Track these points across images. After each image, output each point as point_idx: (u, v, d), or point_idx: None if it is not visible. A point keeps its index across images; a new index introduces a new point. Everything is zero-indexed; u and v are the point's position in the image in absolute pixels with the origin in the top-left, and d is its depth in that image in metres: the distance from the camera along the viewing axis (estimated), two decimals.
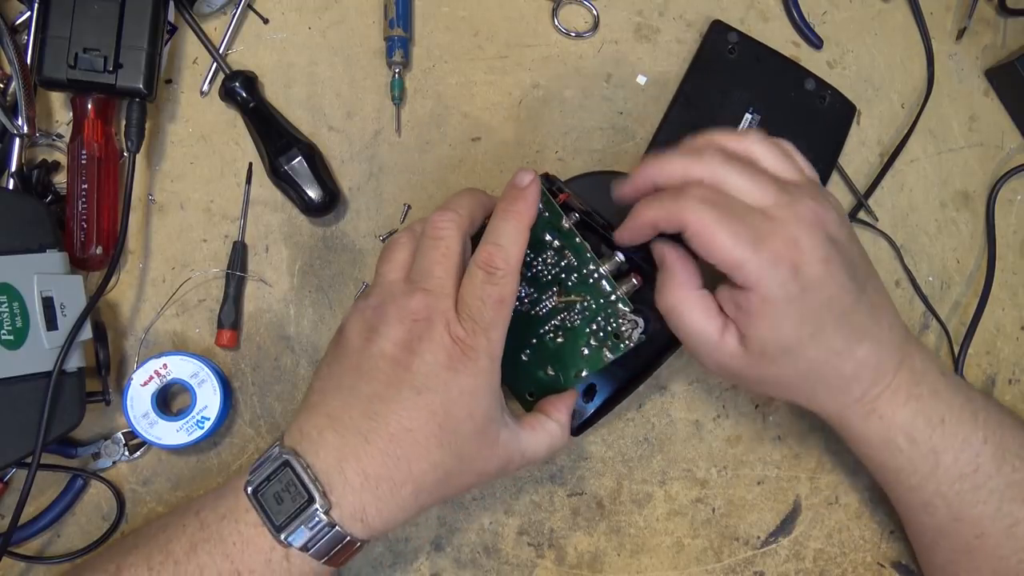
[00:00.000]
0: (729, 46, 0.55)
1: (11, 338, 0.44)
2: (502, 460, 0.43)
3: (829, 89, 0.56)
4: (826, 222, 0.40)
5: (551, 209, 0.45)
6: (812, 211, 0.40)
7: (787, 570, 0.55)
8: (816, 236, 0.39)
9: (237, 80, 0.52)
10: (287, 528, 0.40)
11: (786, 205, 0.40)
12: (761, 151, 0.42)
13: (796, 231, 0.39)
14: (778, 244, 0.39)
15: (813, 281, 0.39)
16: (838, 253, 0.40)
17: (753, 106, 0.54)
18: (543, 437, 0.45)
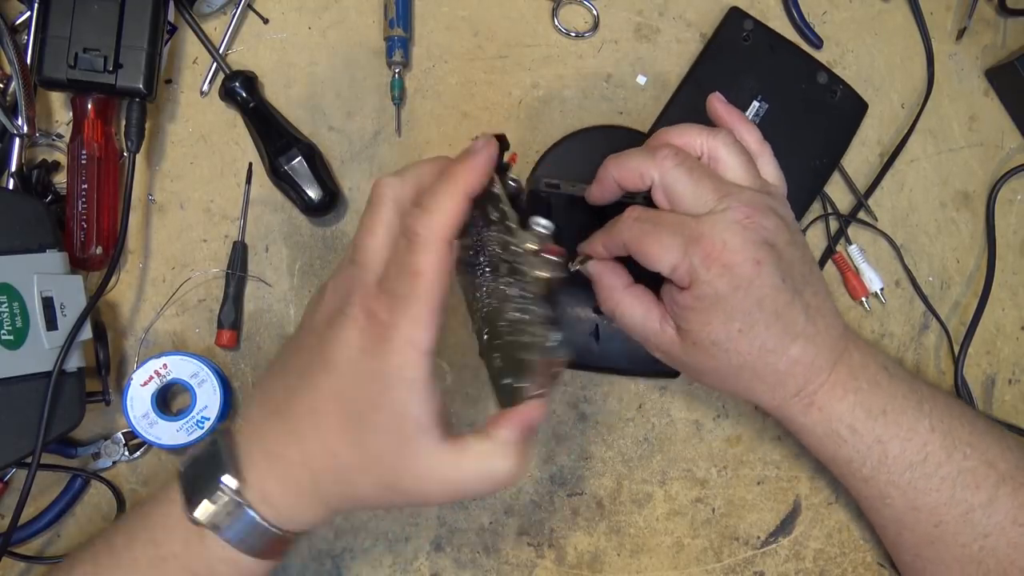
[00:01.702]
0: (744, 33, 0.55)
1: (11, 338, 0.44)
2: (423, 480, 0.38)
3: (841, 84, 0.56)
4: (762, 226, 0.42)
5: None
6: (747, 215, 0.42)
7: (787, 570, 0.55)
8: (748, 238, 0.41)
9: (237, 80, 0.52)
10: (195, 501, 0.38)
11: (722, 210, 0.41)
12: (723, 152, 0.44)
13: (726, 234, 0.41)
14: (707, 246, 0.41)
15: (742, 281, 0.41)
16: (771, 256, 0.42)
17: (762, 94, 0.55)
18: (473, 462, 0.37)
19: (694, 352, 0.44)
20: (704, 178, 0.42)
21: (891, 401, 0.46)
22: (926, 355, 0.57)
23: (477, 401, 0.54)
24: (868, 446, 0.46)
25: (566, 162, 0.53)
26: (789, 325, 0.43)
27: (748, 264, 0.41)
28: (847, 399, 0.45)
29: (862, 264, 0.56)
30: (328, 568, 0.53)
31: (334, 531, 0.53)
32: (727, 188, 0.42)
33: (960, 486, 0.46)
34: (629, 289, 0.46)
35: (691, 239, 0.41)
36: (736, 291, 0.41)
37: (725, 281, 0.41)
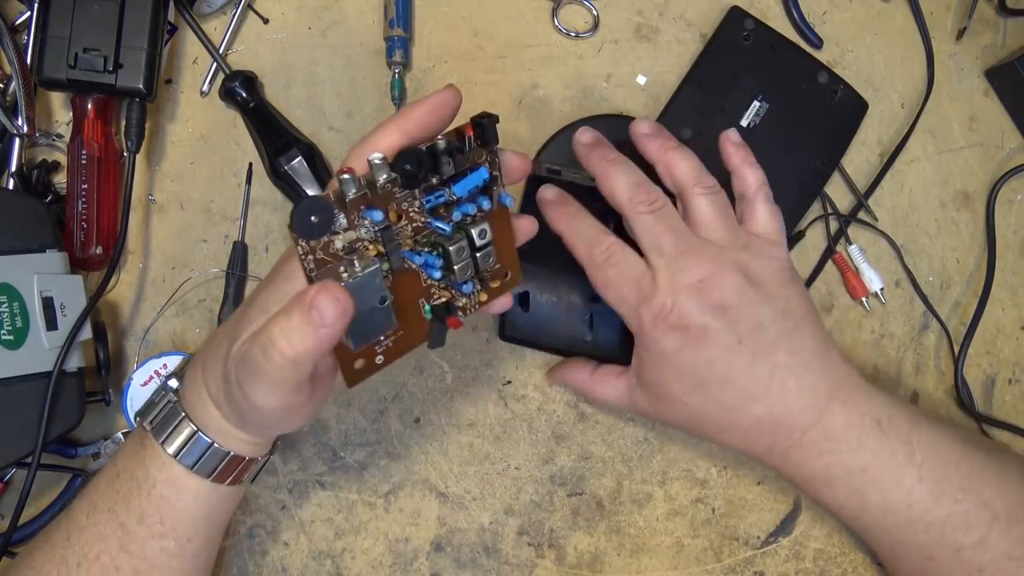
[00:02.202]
0: (745, 33, 0.55)
1: (11, 338, 0.44)
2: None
3: (841, 84, 0.56)
4: (716, 288, 0.43)
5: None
6: (699, 278, 0.43)
7: (787, 570, 0.55)
8: (696, 304, 0.43)
9: (237, 80, 0.52)
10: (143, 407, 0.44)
11: (674, 272, 0.43)
12: (701, 203, 0.45)
13: (676, 297, 0.43)
14: (656, 306, 0.43)
15: (688, 343, 0.43)
16: (722, 321, 0.43)
17: (763, 94, 0.54)
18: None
19: (658, 403, 0.46)
20: (668, 231, 0.44)
21: (874, 459, 0.45)
22: (926, 355, 0.57)
23: (476, 401, 0.54)
24: (846, 496, 0.46)
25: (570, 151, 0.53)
26: (747, 387, 0.44)
27: (695, 329, 0.43)
28: (821, 459, 0.45)
29: (862, 264, 0.56)
30: (328, 568, 0.53)
31: (334, 531, 0.53)
32: (686, 245, 0.44)
33: (950, 528, 0.45)
34: (596, 372, 0.50)
35: (644, 296, 0.43)
36: (682, 351, 0.43)
37: (670, 340, 0.43)
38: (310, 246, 0.35)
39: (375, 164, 0.35)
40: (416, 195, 0.38)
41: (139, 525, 0.42)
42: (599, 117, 0.54)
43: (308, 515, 0.53)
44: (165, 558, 0.43)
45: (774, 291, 0.44)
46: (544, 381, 0.54)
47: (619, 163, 0.46)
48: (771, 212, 0.47)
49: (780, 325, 0.44)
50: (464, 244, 0.39)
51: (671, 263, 0.43)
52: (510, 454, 0.54)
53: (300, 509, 0.53)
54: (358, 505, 0.53)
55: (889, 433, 0.45)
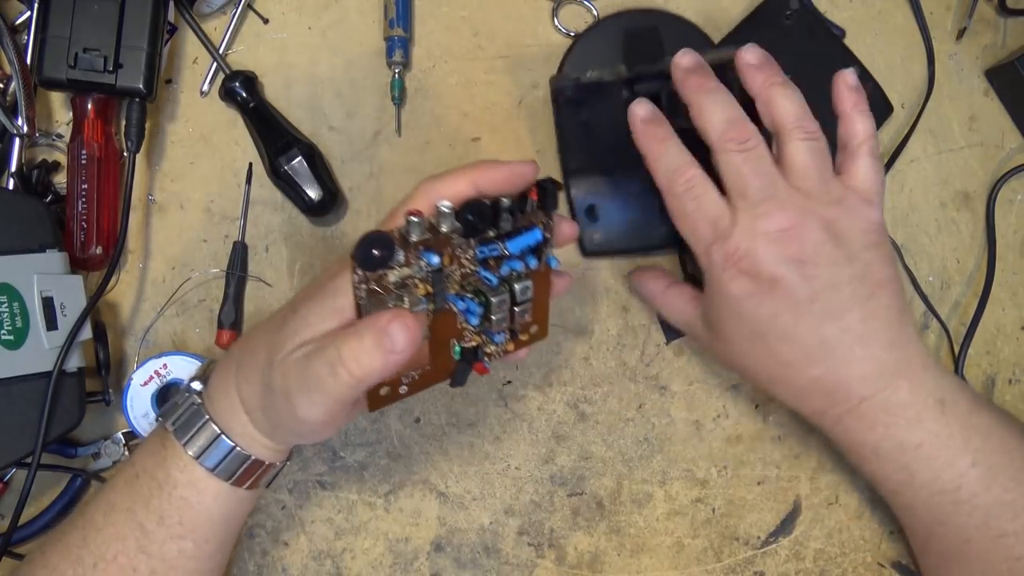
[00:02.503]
0: (788, 12, 0.55)
1: (11, 338, 0.44)
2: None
3: (871, 82, 0.56)
4: (794, 239, 0.41)
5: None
6: (781, 226, 0.40)
7: (787, 570, 0.55)
8: (772, 253, 0.41)
9: (237, 80, 0.52)
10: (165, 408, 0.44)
11: (757, 215, 0.41)
12: (798, 147, 0.42)
13: (752, 243, 0.41)
14: (730, 248, 0.41)
15: (755, 292, 0.41)
16: (795, 275, 0.41)
17: (791, 75, 0.54)
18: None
19: (719, 344, 0.45)
20: (756, 175, 0.41)
21: (931, 438, 0.44)
22: None
23: (476, 401, 0.54)
24: (895, 469, 0.45)
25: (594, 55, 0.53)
26: (808, 348, 0.42)
27: (766, 278, 0.41)
28: (876, 430, 0.44)
29: None
30: (328, 568, 0.53)
31: (334, 531, 0.53)
32: (773, 191, 0.41)
33: (994, 515, 0.44)
34: (669, 290, 0.49)
35: (718, 236, 0.41)
36: (748, 298, 0.41)
37: (738, 285, 0.41)
38: (365, 276, 0.36)
39: (443, 212, 0.37)
40: (471, 244, 0.39)
41: (158, 526, 0.42)
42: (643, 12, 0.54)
43: (308, 515, 0.53)
44: (183, 559, 0.43)
45: (857, 252, 0.42)
46: (544, 381, 0.54)
47: (716, 92, 0.43)
48: (873, 167, 0.44)
49: (856, 289, 0.42)
50: (506, 297, 0.41)
51: (754, 207, 0.41)
52: (510, 454, 0.54)
53: (300, 509, 0.53)
54: (358, 505, 0.53)
55: (949, 415, 0.44)
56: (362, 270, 0.36)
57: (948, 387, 0.45)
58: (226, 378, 0.42)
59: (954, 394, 0.45)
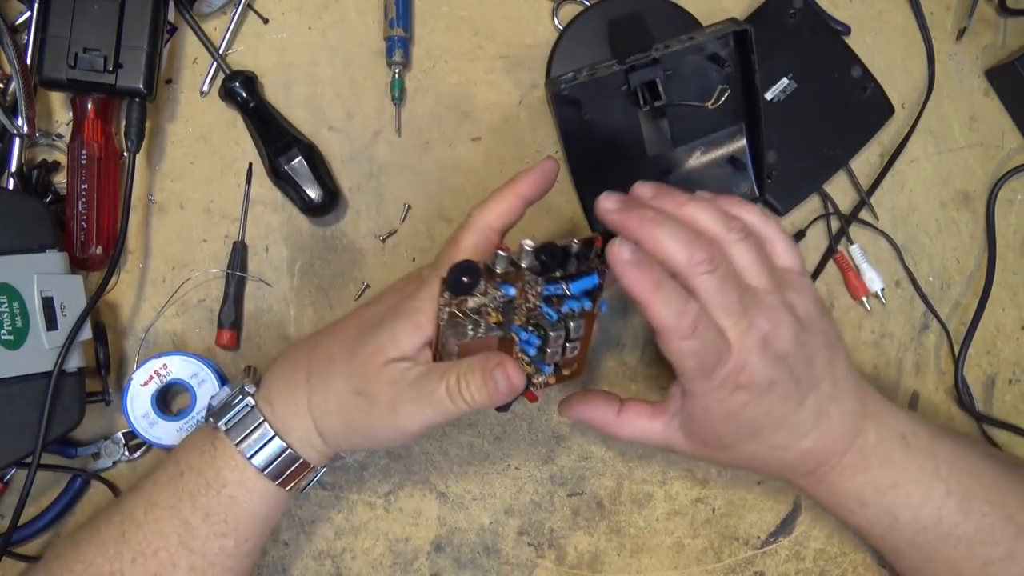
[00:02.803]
0: (792, 11, 0.56)
1: (11, 338, 0.44)
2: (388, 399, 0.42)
3: (873, 83, 0.56)
4: (779, 338, 0.42)
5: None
6: (765, 331, 0.41)
7: (787, 570, 0.55)
8: (765, 359, 0.41)
9: (237, 80, 0.52)
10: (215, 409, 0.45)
11: (743, 329, 0.41)
12: (739, 250, 0.42)
13: (747, 355, 0.41)
14: (729, 367, 0.41)
15: (753, 398, 0.42)
16: (784, 371, 0.42)
17: (793, 73, 0.55)
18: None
19: (707, 452, 0.46)
20: (730, 289, 0.41)
21: (904, 475, 0.45)
22: (926, 355, 0.57)
23: None
24: (877, 515, 0.46)
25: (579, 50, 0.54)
26: (798, 426, 0.44)
27: (761, 385, 0.42)
28: (856, 478, 0.46)
29: (863, 264, 0.56)
30: (328, 568, 0.53)
31: (334, 531, 0.53)
32: (750, 299, 0.42)
33: (978, 542, 0.45)
34: (624, 414, 0.47)
35: (720, 360, 0.41)
36: (746, 406, 0.43)
37: (736, 399, 0.42)
38: (450, 300, 0.41)
39: (525, 250, 0.42)
40: (539, 282, 0.43)
41: (203, 522, 0.43)
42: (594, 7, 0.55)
43: (308, 515, 0.53)
44: (222, 556, 0.44)
45: (816, 325, 0.44)
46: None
47: (663, 221, 0.41)
48: (790, 243, 0.45)
49: (823, 357, 0.44)
50: (562, 333, 0.44)
51: (738, 322, 0.41)
52: (510, 454, 0.54)
53: (300, 509, 0.53)
54: (358, 505, 0.53)
55: (914, 447, 0.46)
56: (449, 294, 0.41)
57: (906, 421, 0.47)
58: (293, 382, 0.44)
59: (913, 427, 0.47)
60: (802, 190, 0.56)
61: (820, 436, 0.45)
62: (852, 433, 0.45)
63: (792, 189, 0.56)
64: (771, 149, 0.54)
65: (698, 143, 0.54)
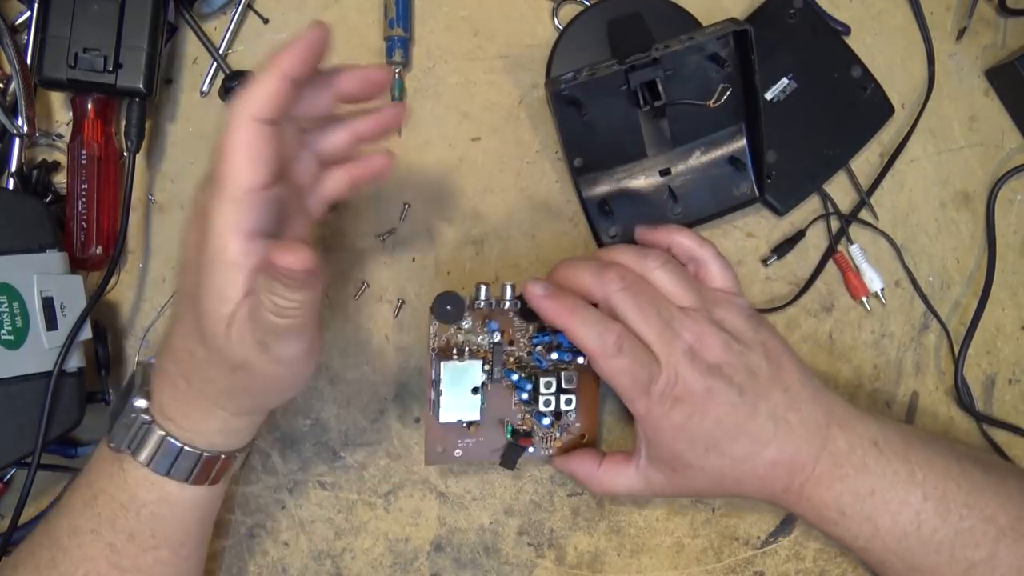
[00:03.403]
0: (792, 11, 0.56)
1: (11, 338, 0.44)
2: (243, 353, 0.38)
3: (873, 83, 0.56)
4: (707, 348, 0.44)
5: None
6: (690, 344, 0.44)
7: (787, 570, 0.55)
8: (695, 368, 0.44)
9: (237, 80, 0.52)
10: (112, 427, 0.42)
11: (667, 342, 0.44)
12: (658, 276, 0.46)
13: (676, 367, 0.43)
14: (662, 381, 0.43)
15: (696, 408, 0.44)
16: (722, 377, 0.44)
17: (793, 73, 0.55)
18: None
19: (677, 478, 0.47)
20: (648, 305, 0.44)
21: (879, 480, 0.46)
22: (926, 355, 0.57)
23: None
24: (859, 524, 0.46)
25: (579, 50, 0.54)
26: (756, 434, 0.45)
27: (700, 394, 0.44)
28: (833, 487, 0.46)
29: (863, 264, 0.56)
30: (328, 568, 0.53)
31: (334, 531, 0.53)
32: (670, 314, 0.44)
33: (959, 546, 0.46)
34: (604, 465, 0.49)
35: (652, 376, 0.43)
36: (691, 418, 0.44)
37: (679, 412, 0.44)
38: (439, 329, 0.46)
39: (505, 290, 0.47)
40: (530, 331, 0.49)
41: (129, 543, 0.42)
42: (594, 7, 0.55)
43: (308, 515, 0.53)
44: (159, 567, 0.43)
45: (751, 337, 0.46)
46: None
47: (576, 263, 0.46)
48: (724, 266, 0.48)
49: (767, 368, 0.45)
50: (552, 380, 0.48)
51: (662, 334, 0.44)
52: None
53: (300, 509, 0.53)
54: (358, 505, 0.53)
55: (887, 453, 0.46)
56: (437, 321, 0.44)
57: (876, 426, 0.47)
58: (181, 393, 0.41)
59: (885, 433, 0.47)
60: (802, 190, 0.56)
61: (783, 444, 0.45)
62: (818, 440, 0.46)
63: (792, 189, 0.56)
64: (771, 149, 0.54)
65: (698, 143, 0.54)
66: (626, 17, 0.53)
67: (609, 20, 0.54)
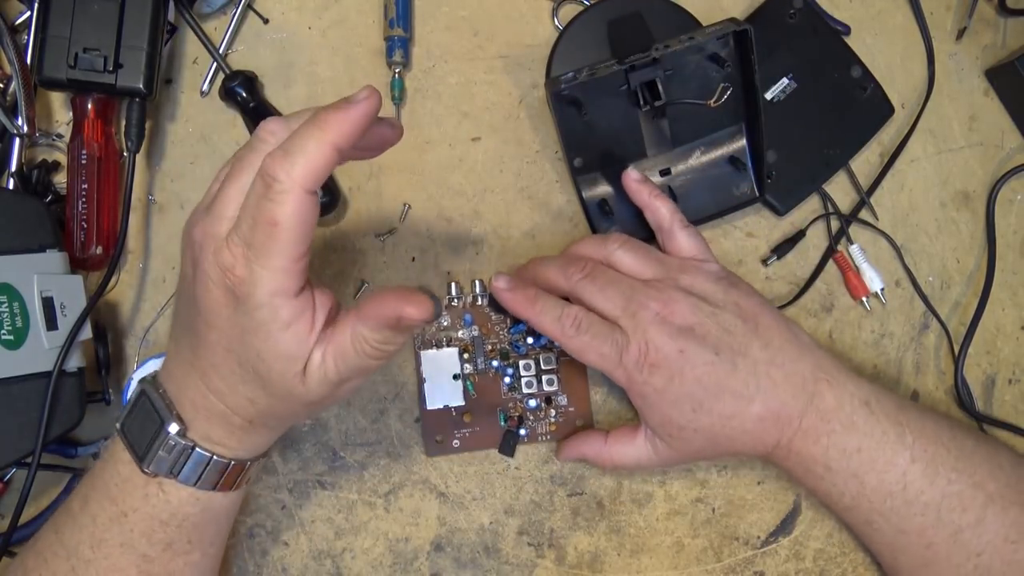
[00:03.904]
0: (792, 11, 0.56)
1: (11, 338, 0.44)
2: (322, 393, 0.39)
3: (873, 83, 0.56)
4: (675, 313, 0.46)
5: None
6: (657, 311, 0.45)
7: (787, 570, 0.55)
8: (665, 332, 0.45)
9: (237, 80, 0.52)
10: (148, 456, 0.40)
11: (632, 314, 0.45)
12: (619, 256, 0.48)
13: (645, 335, 0.45)
14: (633, 351, 0.45)
15: (674, 371, 0.45)
16: (694, 339, 0.45)
17: (793, 73, 0.55)
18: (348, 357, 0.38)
19: (675, 443, 0.48)
20: (608, 285, 0.46)
21: (867, 439, 0.47)
22: (926, 355, 0.57)
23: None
24: (844, 480, 0.47)
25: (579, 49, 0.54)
26: (739, 390, 0.46)
27: (673, 357, 0.45)
28: (820, 442, 0.47)
29: (863, 264, 0.56)
30: (328, 568, 0.53)
31: (334, 531, 0.53)
32: (632, 290, 0.46)
33: (946, 509, 0.46)
34: (611, 441, 0.50)
35: (620, 347, 0.45)
36: (671, 382, 0.45)
37: (659, 378, 0.45)
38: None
39: (475, 286, 0.53)
40: (507, 321, 0.52)
41: (165, 551, 0.42)
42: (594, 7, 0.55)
43: (308, 515, 0.53)
44: (190, 568, 0.43)
45: (720, 298, 0.47)
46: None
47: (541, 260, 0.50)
48: (691, 235, 0.50)
49: (742, 327, 0.46)
50: (531, 363, 0.52)
51: (626, 309, 0.46)
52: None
53: (300, 509, 0.53)
54: (358, 505, 0.53)
55: (878, 414, 0.47)
56: None
57: (871, 391, 0.48)
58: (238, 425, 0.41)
59: (878, 396, 0.48)
60: (802, 190, 0.56)
61: (767, 399, 0.46)
62: (804, 395, 0.46)
63: (792, 189, 0.56)
64: (771, 149, 0.54)
65: (698, 143, 0.54)
66: (626, 17, 0.54)
67: (609, 20, 0.54)
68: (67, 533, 0.43)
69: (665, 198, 0.50)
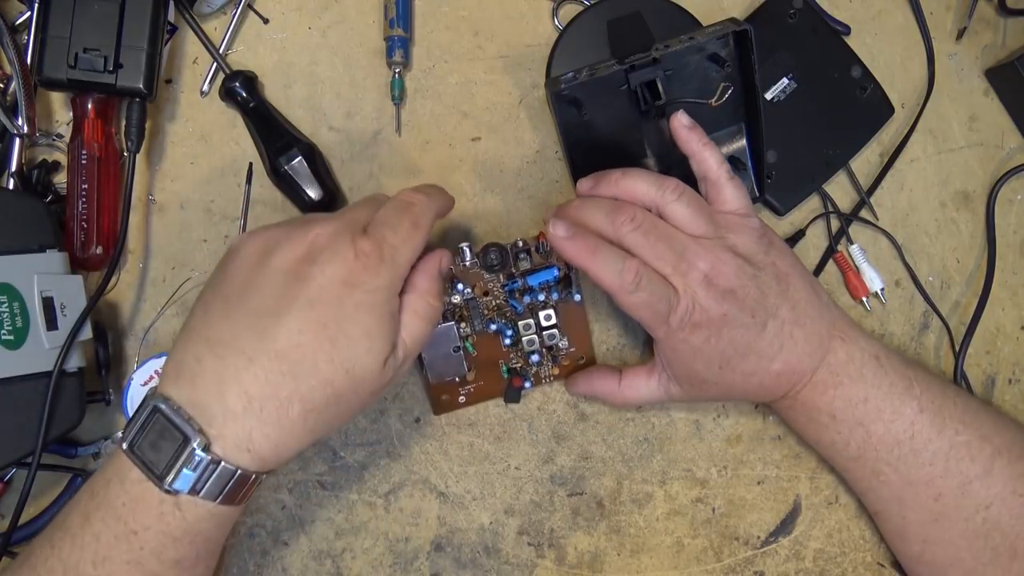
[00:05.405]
0: (792, 11, 0.56)
1: (11, 338, 0.44)
2: (388, 379, 0.42)
3: (873, 83, 0.56)
4: (721, 275, 0.46)
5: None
6: (705, 272, 0.45)
7: (787, 570, 0.55)
8: (711, 295, 0.45)
9: (237, 80, 0.52)
10: (169, 475, 0.39)
11: (683, 273, 0.46)
12: (672, 209, 0.47)
13: (694, 296, 0.45)
14: (681, 310, 0.45)
15: (712, 332, 0.46)
16: (735, 303, 0.46)
17: (793, 73, 0.55)
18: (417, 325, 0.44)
19: (693, 390, 0.50)
20: (659, 241, 0.46)
21: (874, 390, 0.48)
22: (926, 354, 0.57)
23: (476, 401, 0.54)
24: (849, 428, 0.48)
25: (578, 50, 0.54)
26: (764, 350, 0.47)
27: (716, 319, 0.46)
28: (827, 393, 0.48)
29: (863, 264, 0.56)
30: (328, 568, 0.53)
31: (334, 531, 0.53)
32: (683, 247, 0.46)
33: (954, 459, 0.47)
34: (625, 380, 0.51)
35: (671, 305, 0.45)
36: (708, 341, 0.46)
37: (698, 336, 0.46)
38: None
39: (462, 251, 0.51)
40: (500, 280, 0.52)
41: (173, 568, 0.41)
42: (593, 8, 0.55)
43: (308, 515, 0.53)
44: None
45: (761, 259, 0.47)
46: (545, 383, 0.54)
47: (588, 202, 0.48)
48: (736, 187, 0.48)
49: (776, 288, 0.47)
50: (531, 322, 0.52)
51: (677, 266, 0.45)
52: (510, 454, 0.54)
53: (300, 509, 0.53)
54: (358, 505, 0.53)
55: (887, 368, 0.49)
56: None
57: (882, 348, 0.50)
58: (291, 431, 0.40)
59: (888, 353, 0.50)
60: (802, 190, 0.56)
61: (788, 357, 0.47)
62: (819, 352, 0.48)
63: (792, 189, 0.56)
64: (771, 149, 0.55)
65: None
66: (626, 17, 0.54)
67: (609, 20, 0.54)
68: (66, 550, 0.41)
69: (714, 147, 0.48)
